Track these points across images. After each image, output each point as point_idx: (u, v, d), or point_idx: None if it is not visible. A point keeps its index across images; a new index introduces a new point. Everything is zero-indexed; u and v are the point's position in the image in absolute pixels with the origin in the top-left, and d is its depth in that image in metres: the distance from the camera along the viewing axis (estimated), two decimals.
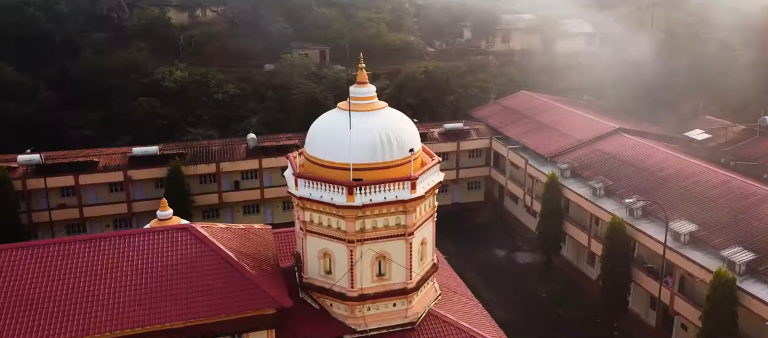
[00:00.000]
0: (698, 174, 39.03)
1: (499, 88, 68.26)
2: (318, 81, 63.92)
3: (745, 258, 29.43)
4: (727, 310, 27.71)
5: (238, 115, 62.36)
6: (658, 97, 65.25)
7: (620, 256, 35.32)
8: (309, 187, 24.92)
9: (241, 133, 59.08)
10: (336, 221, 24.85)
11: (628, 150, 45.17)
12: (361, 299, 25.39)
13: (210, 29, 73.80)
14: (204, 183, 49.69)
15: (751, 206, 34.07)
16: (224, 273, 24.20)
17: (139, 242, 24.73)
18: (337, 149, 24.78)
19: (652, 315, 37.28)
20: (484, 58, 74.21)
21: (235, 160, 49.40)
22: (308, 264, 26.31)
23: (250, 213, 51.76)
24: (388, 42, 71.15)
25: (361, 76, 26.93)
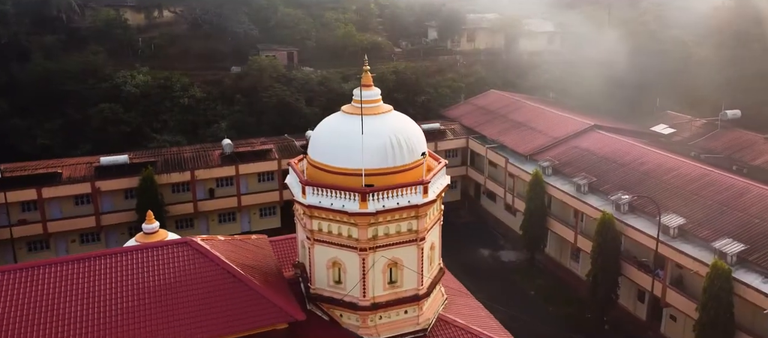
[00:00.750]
0: (677, 168, 40.25)
1: (469, 87, 68.75)
2: (288, 83, 62.48)
3: (736, 249, 30.44)
4: (724, 301, 28.55)
5: (206, 120, 60.15)
6: (618, 93, 67.30)
7: (610, 251, 35.93)
8: (318, 195, 23.99)
9: (211, 139, 57.14)
10: (347, 229, 24.04)
11: (606, 146, 46.18)
12: (374, 308, 24.68)
13: (170, 31, 70.96)
14: (177, 192, 47.60)
15: (732, 198, 35.34)
16: (232, 289, 22.96)
17: (137, 260, 23.16)
18: (347, 155, 23.95)
19: (640, 307, 38.24)
20: (452, 58, 74.59)
21: (210, 167, 47.53)
22: (316, 275, 25.36)
23: (225, 222, 50.01)
24: (357, 42, 70.32)
25: (366, 79, 26.18)
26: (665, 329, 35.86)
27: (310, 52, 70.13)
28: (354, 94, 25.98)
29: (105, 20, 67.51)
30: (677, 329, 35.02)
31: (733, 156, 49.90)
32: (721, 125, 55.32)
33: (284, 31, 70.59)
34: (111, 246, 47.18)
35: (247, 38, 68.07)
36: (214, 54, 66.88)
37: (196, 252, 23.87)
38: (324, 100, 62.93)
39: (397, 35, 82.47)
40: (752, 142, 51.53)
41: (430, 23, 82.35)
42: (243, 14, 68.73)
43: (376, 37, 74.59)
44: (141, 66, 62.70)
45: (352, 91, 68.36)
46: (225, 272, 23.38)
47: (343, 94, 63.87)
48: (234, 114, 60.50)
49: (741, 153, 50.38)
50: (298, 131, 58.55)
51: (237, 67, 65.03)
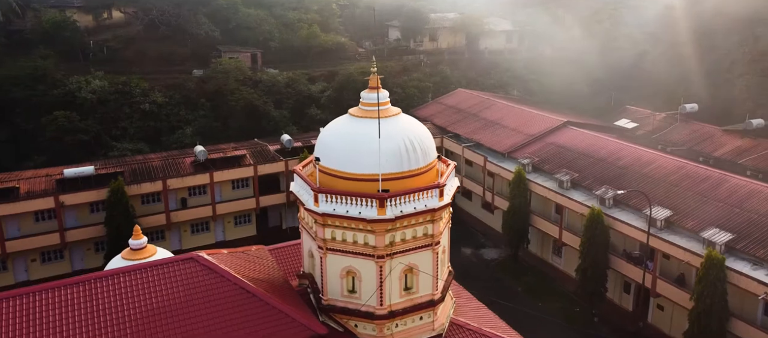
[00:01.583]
0: (654, 161, 41.56)
1: (435, 86, 68.89)
2: (254, 86, 60.67)
3: (724, 238, 31.63)
4: (719, 289, 29.58)
5: (170, 126, 57.59)
6: (577, 90, 69.34)
7: (599, 246, 36.64)
8: (332, 202, 23.08)
9: (175, 146, 54.79)
10: (363, 236, 23.25)
11: (581, 142, 47.19)
12: (391, 316, 24.00)
13: (125, 33, 67.46)
14: (147, 204, 45.14)
15: (710, 189, 36.75)
16: (247, 305, 21.76)
17: (142, 279, 21.57)
18: (362, 159, 23.17)
19: (626, 298, 39.23)
20: (416, 58, 74.55)
21: (183, 175, 45.32)
22: (328, 285, 24.42)
23: (199, 232, 47.91)
24: (322, 43, 69.15)
25: (374, 81, 25.42)
26: (652, 318, 36.89)
27: (273, 54, 68.46)
28: (363, 97, 25.18)
29: (52, 22, 63.38)
30: (665, 318, 36.11)
31: (694, 148, 52.07)
32: (680, 118, 57.68)
33: (246, 32, 68.52)
34: (76, 265, 44.38)
35: (208, 40, 65.67)
36: (173, 57, 64.15)
37: (205, 268, 22.51)
38: (292, 103, 61.62)
39: (359, 35, 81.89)
40: (711, 133, 54.01)
41: (391, 23, 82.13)
42: (202, 15, 66.18)
43: (340, 38, 73.62)
44: (95, 70, 59.27)
45: (320, 92, 67.39)
46: (239, 288, 22.15)
47: (310, 96, 62.87)
48: (199, 119, 58.20)
49: (702, 145, 52.68)
50: (268, 135, 57.02)
51: (199, 69, 62.60)
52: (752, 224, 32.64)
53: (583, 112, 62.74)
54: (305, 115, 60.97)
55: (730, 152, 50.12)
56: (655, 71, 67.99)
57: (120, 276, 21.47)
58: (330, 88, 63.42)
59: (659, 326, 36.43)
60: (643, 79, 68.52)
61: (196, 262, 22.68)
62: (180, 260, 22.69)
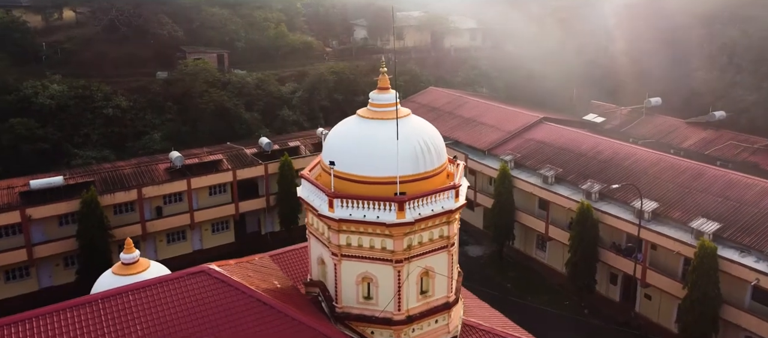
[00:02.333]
0: (633, 154, 42.71)
1: (405, 85, 68.65)
2: (223, 87, 58.78)
3: (712, 228, 32.75)
4: (712, 278, 30.59)
5: (135, 131, 55.14)
6: (540, 85, 70.69)
7: (589, 239, 37.30)
8: (348, 207, 22.37)
9: (143, 152, 52.53)
10: (380, 241, 22.63)
11: (559, 137, 48.01)
12: (409, 321, 23.50)
13: (82, 34, 63.97)
14: (120, 214, 42.94)
15: (691, 180, 38.05)
16: (265, 317, 20.80)
17: (153, 297, 20.26)
18: (378, 162, 22.52)
19: (613, 289, 40.12)
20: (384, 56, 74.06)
21: (158, 182, 43.31)
22: (343, 292, 23.68)
23: (175, 241, 46.02)
24: (290, 43, 67.75)
25: (384, 81, 24.83)
26: (640, 308, 37.85)
27: (240, 54, 66.58)
28: (373, 98, 24.56)
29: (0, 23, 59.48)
30: (653, 307, 37.12)
31: (662, 140, 53.87)
32: (645, 112, 59.63)
33: (211, 33, 66.37)
34: (43, 282, 41.82)
35: (171, 40, 63.21)
36: (134, 59, 61.37)
37: (218, 281, 21.39)
38: (263, 104, 60.13)
39: (323, 34, 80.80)
40: (676, 126, 56.06)
41: (356, 22, 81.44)
42: (164, 15, 63.57)
43: (307, 37, 72.37)
44: (51, 74, 55.98)
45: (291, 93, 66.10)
46: (255, 300, 21.17)
47: (281, 98, 61.49)
48: (166, 123, 55.98)
49: (669, 137, 54.59)
50: (240, 138, 55.42)
51: (163, 72, 60.14)
52: (735, 213, 33.96)
53: (547, 108, 63.94)
54: (277, 117, 59.60)
55: (696, 143, 52.13)
56: (616, 67, 70.03)
57: (129, 295, 20.08)
58: (301, 89, 62.25)
59: (647, 315, 37.42)
60: (604, 74, 70.45)
61: (207, 275, 21.52)
62: (191, 274, 21.47)
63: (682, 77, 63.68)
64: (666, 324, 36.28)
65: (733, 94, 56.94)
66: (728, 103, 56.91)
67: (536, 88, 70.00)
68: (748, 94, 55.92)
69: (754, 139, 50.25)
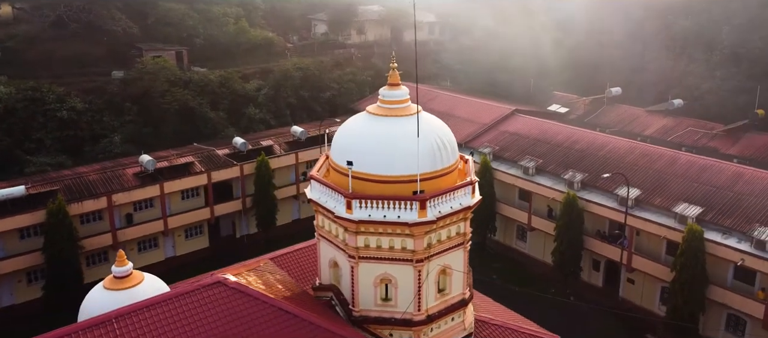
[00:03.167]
0: (608, 143, 43.92)
1: (372, 80, 68.06)
2: (185, 86, 56.19)
3: (695, 212, 34.09)
4: (699, 260, 31.83)
5: (93, 135, 51.79)
6: (499, 78, 71.85)
7: (575, 228, 38.08)
8: (367, 208, 21.69)
9: (102, 156, 49.61)
10: (400, 241, 22.09)
11: (533, 129, 48.79)
12: (428, 321, 23.13)
13: (25, 31, 59.43)
14: (87, 223, 40.39)
15: (666, 166, 39.50)
16: (290, 326, 19.88)
17: (171, 313, 18.93)
18: (397, 161, 21.92)
19: (595, 275, 41.20)
20: (347, 51, 73.21)
21: (128, 188, 40.94)
22: (360, 295, 23.00)
23: (147, 249, 43.84)
24: (251, 39, 65.68)
25: (394, 77, 24.28)
26: (624, 292, 39.02)
27: (199, 51, 63.92)
28: (384, 95, 23.99)
29: None
30: (636, 291, 38.34)
31: (625, 129, 55.83)
32: (607, 101, 61.60)
33: (168, 29, 63.33)
34: (5, 300, 39.00)
35: (126, 38, 59.88)
36: (87, 57, 57.70)
37: (235, 292, 20.27)
38: (227, 103, 57.98)
39: (282, 29, 78.80)
40: (637, 115, 58.22)
41: (316, 16, 79.97)
42: (116, 10, 60.14)
43: (267, 33, 70.38)
44: None
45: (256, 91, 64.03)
46: (277, 309, 20.21)
47: (246, 96, 59.52)
48: (126, 125, 52.91)
49: (631, 125, 56.63)
50: (205, 138, 53.33)
51: (119, 71, 56.85)
52: (713, 197, 35.51)
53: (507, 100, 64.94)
54: (243, 116, 57.64)
55: (658, 131, 54.30)
56: (573, 58, 71.95)
57: (146, 312, 18.69)
58: (266, 86, 60.44)
59: (631, 299, 38.63)
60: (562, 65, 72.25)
61: (224, 286, 20.34)
62: (206, 286, 20.21)
63: (638, 67, 66.21)
64: (649, 306, 37.58)
65: (687, 83, 59.66)
66: (682, 91, 59.58)
67: (496, 80, 71.06)
68: (702, 82, 58.73)
69: (711, 124, 52.85)
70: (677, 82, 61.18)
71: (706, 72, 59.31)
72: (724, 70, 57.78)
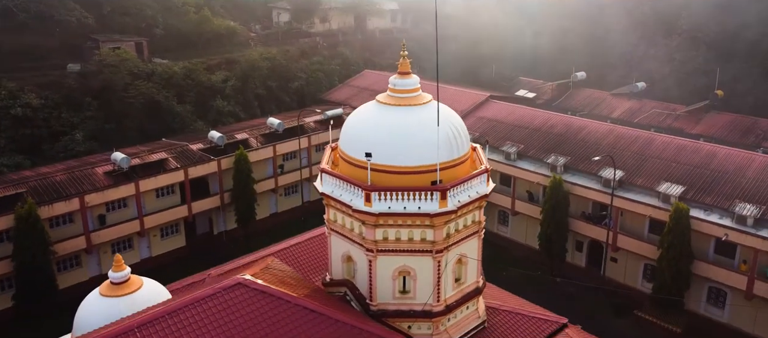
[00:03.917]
0: (585, 127, 44.88)
1: (340, 69, 67.08)
2: (147, 79, 53.63)
3: (678, 191, 35.33)
4: (685, 237, 33.04)
5: (52, 132, 48.76)
6: (462, 64, 72.41)
7: (562, 211, 38.79)
8: (387, 201, 21.21)
9: (64, 155, 46.94)
10: (420, 232, 21.75)
11: (509, 114, 49.30)
12: (447, 311, 22.96)
13: None
14: (58, 227, 38.04)
15: (643, 148, 40.74)
16: (319, 326, 19.27)
17: (195, 319, 17.94)
18: (417, 151, 21.47)
19: (579, 256, 42.18)
20: (312, 40, 71.81)
21: (101, 188, 38.74)
22: (378, 289, 22.55)
23: (121, 251, 41.65)
24: (214, 29, 63.33)
25: (404, 66, 23.71)
26: (608, 271, 40.11)
27: (159, 42, 61.10)
28: (395, 84, 23.43)
29: None
30: (619, 269, 39.50)
31: (593, 111, 57.35)
32: (572, 86, 63.06)
33: (125, 19, 60.19)
34: None
35: (81, 28, 56.45)
36: (38, 50, 54.16)
37: (258, 292, 19.47)
38: (194, 96, 55.84)
39: (242, 18, 76.42)
40: (603, 98, 59.90)
41: (277, 4, 77.94)
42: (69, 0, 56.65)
43: (230, 22, 68.05)
44: None
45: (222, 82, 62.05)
46: (302, 308, 19.57)
47: (212, 88, 57.50)
48: (87, 121, 50.09)
49: (598, 108, 58.23)
50: (172, 133, 51.30)
51: (75, 64, 53.65)
52: (692, 175, 36.91)
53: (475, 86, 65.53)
54: (211, 108, 55.65)
55: (624, 113, 56.08)
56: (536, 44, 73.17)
57: (168, 319, 17.62)
58: (233, 78, 58.52)
59: (615, 277, 39.77)
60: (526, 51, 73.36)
61: (246, 287, 19.47)
62: (226, 288, 19.26)
63: (601, 52, 68.07)
64: (633, 283, 38.83)
65: (649, 66, 61.77)
66: (644, 74, 61.68)
67: (458, 67, 71.49)
68: (663, 65, 60.94)
69: (673, 106, 54.99)
70: (638, 66, 63.28)
71: (666, 55, 61.59)
72: (683, 54, 60.20)
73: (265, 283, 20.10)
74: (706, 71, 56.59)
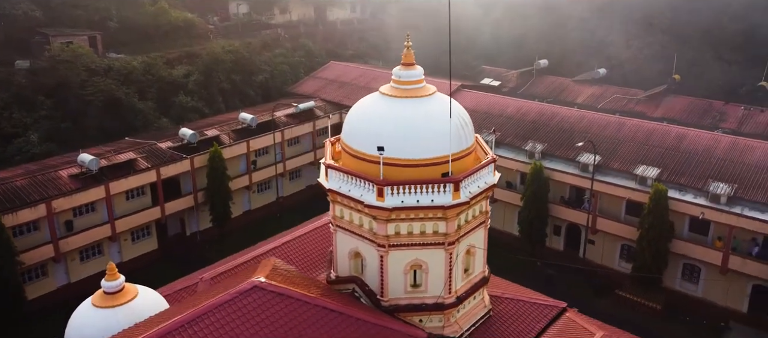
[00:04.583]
0: (557, 114, 45.80)
1: (305, 61, 65.80)
2: (104, 75, 50.93)
3: (654, 173, 36.60)
4: (664, 217, 34.30)
5: (2, 134, 45.64)
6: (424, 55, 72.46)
7: (542, 196, 39.51)
8: (399, 195, 20.88)
9: (19, 158, 44.15)
10: (432, 225, 21.55)
11: (481, 103, 49.72)
12: (458, 302, 22.94)
13: None
14: (21, 236, 35.65)
15: (615, 132, 41.96)
16: (344, 327, 18.84)
17: (216, 326, 17.13)
18: (428, 143, 21.19)
19: (557, 240, 43.13)
20: (273, 32, 70.11)
21: (68, 193, 36.52)
22: (390, 284, 22.24)
23: (90, 258, 39.67)
24: (171, 21, 60.78)
25: (408, 57, 23.38)
26: (586, 253, 41.24)
27: (113, 35, 58.11)
28: (400, 76, 23.12)
29: None
30: (597, 251, 40.66)
31: (558, 98, 58.64)
32: (535, 73, 64.24)
33: (76, 12, 56.90)
34: None
35: (28, 22, 52.97)
36: None
37: (276, 295, 18.85)
38: (155, 91, 53.53)
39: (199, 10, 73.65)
40: (566, 84, 61.32)
41: None
42: None
43: (187, 14, 65.46)
44: None
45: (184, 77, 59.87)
46: (322, 308, 19.14)
47: (174, 83, 55.29)
48: (41, 121, 47.19)
49: (563, 95, 59.58)
50: (135, 131, 49.09)
51: (24, 60, 50.38)
52: (665, 158, 38.34)
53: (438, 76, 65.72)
54: (174, 104, 53.49)
55: (588, 99, 57.61)
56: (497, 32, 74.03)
57: (188, 328, 16.73)
58: (195, 72, 56.41)
59: (593, 259, 40.90)
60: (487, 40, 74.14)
61: (262, 290, 18.76)
62: (243, 292, 18.49)
63: (560, 39, 69.58)
64: (610, 264, 40.06)
65: (608, 52, 63.67)
66: (603, 60, 63.55)
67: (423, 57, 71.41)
68: (620, 51, 62.96)
69: (633, 91, 56.91)
70: (597, 52, 65.09)
71: (624, 42, 63.64)
72: (640, 40, 62.35)
73: (279, 285, 19.42)
74: (662, 56, 58.82)
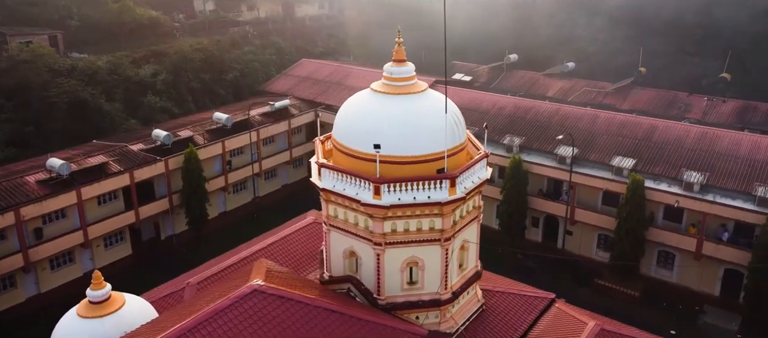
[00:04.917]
0: (533, 108, 46.44)
1: (276, 59, 64.87)
2: (68, 76, 49.03)
3: (630, 164, 37.52)
4: (641, 206, 35.21)
5: None
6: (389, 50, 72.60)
7: (521, 189, 40.03)
8: (396, 192, 20.75)
9: None
10: (429, 222, 21.51)
11: (458, 98, 49.63)
12: (453, 298, 23.00)
13: None
14: None
15: (589, 125, 42.81)
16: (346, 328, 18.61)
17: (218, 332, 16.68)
18: (424, 140, 21.10)
19: (535, 231, 43.77)
20: (242, 29, 68.86)
21: (37, 199, 35.00)
22: (386, 282, 22.11)
23: (61, 266, 38.24)
24: (136, 19, 58.94)
25: (399, 53, 23.24)
26: (564, 244, 42.01)
27: (75, 35, 55.98)
28: (392, 72, 22.94)
29: None
30: (575, 241, 41.46)
31: (529, 92, 59.48)
32: (506, 68, 64.99)
33: (34, 10, 54.61)
34: None
35: None
36: None
37: (277, 298, 18.50)
38: (122, 92, 51.88)
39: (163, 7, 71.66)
40: (536, 79, 62.23)
41: None
42: None
43: (151, 12, 63.60)
44: None
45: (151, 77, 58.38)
46: (323, 310, 18.86)
47: (141, 83, 53.82)
48: (2, 125, 45.15)
49: (533, 89, 60.46)
50: (102, 133, 47.57)
51: None
52: (639, 148, 39.35)
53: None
54: (142, 105, 51.96)
55: (558, 92, 58.60)
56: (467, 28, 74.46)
57: (190, 335, 16.22)
58: (163, 71, 54.92)
59: (571, 249, 41.69)
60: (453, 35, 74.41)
61: (262, 293, 18.38)
62: (243, 296, 18.07)
63: (528, 33, 70.57)
64: (588, 253, 40.93)
65: (574, 46, 64.96)
66: (570, 54, 64.79)
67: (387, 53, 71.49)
68: (587, 45, 64.34)
69: (601, 84, 58.20)
70: (564, 46, 66.31)
71: (590, 36, 65.02)
72: (606, 34, 63.79)
73: (278, 287, 19.05)
74: (627, 50, 60.30)
